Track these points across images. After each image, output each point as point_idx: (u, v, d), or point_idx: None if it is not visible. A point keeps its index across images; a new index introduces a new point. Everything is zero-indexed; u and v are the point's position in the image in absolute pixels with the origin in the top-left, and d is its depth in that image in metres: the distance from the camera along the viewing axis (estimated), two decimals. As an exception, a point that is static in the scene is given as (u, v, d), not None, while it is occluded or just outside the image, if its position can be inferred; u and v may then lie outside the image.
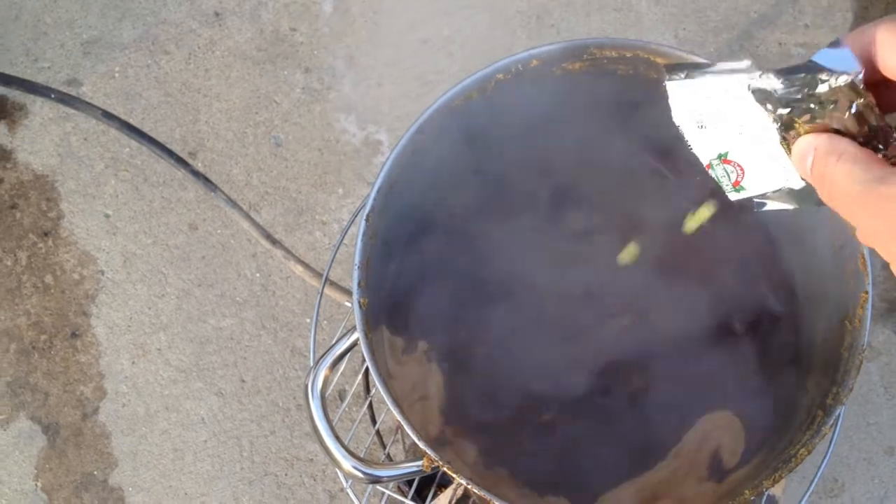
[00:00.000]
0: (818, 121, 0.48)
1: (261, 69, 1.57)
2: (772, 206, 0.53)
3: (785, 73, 0.49)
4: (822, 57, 0.48)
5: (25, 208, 1.48)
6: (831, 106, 0.47)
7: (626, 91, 0.83)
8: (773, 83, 0.49)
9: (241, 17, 1.60)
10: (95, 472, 1.32)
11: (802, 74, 0.48)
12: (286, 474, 1.31)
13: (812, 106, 0.47)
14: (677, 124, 0.55)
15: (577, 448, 0.83)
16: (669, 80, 0.54)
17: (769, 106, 0.49)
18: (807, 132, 0.49)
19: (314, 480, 1.31)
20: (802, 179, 0.50)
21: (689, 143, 0.54)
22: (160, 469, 1.32)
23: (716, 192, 0.56)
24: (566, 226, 0.87)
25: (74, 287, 1.43)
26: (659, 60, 0.80)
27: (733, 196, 0.55)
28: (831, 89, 0.47)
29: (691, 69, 0.53)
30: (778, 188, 0.52)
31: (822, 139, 0.47)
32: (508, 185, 0.88)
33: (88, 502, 1.30)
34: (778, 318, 0.83)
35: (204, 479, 1.31)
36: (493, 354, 0.84)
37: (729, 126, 0.52)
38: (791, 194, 0.52)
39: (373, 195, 0.77)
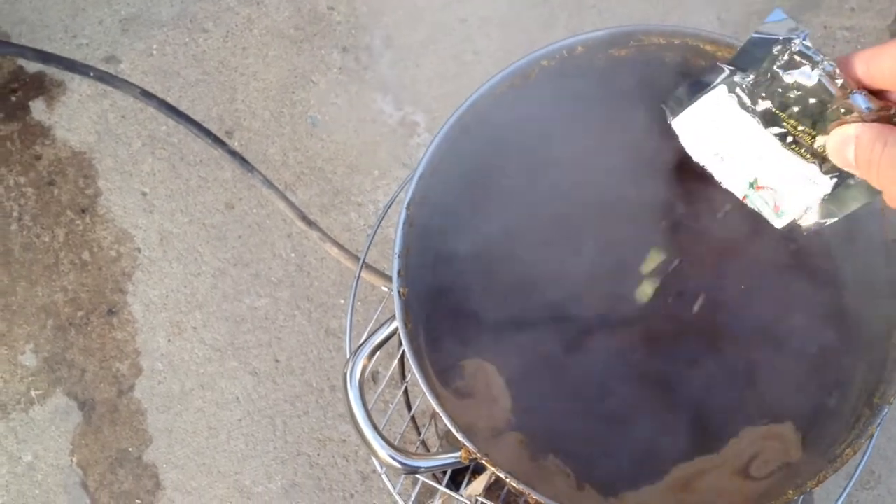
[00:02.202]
0: (790, 108, 0.48)
1: (298, 48, 1.56)
2: (818, 223, 0.53)
3: (742, 62, 0.49)
4: (767, 29, 0.48)
5: (63, 185, 1.49)
6: (794, 80, 0.48)
7: (672, 78, 0.82)
8: (742, 78, 0.49)
9: (279, -4, 1.60)
10: (130, 449, 1.33)
11: (761, 59, 0.48)
12: (319, 454, 1.31)
13: (780, 89, 0.48)
14: (701, 163, 0.54)
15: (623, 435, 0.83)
16: (673, 118, 0.54)
17: (749, 104, 0.49)
18: (794, 126, 0.49)
19: (346, 461, 1.31)
20: (832, 177, 0.49)
21: (718, 179, 0.54)
22: (194, 447, 1.33)
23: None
24: (615, 215, 0.86)
25: (111, 264, 1.43)
26: (707, 48, 0.79)
27: (778, 223, 0.54)
28: (789, 59, 0.47)
29: (684, 96, 0.53)
30: (813, 200, 0.51)
31: (864, 128, 0.47)
32: (552, 173, 0.86)
33: (123, 478, 1.32)
34: (825, 313, 0.82)
35: (237, 457, 1.32)
36: (534, 346, 0.84)
37: (744, 149, 0.52)
38: (830, 203, 0.51)
39: (414, 183, 0.76)
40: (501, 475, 0.68)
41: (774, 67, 0.49)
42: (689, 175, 0.80)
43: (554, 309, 0.87)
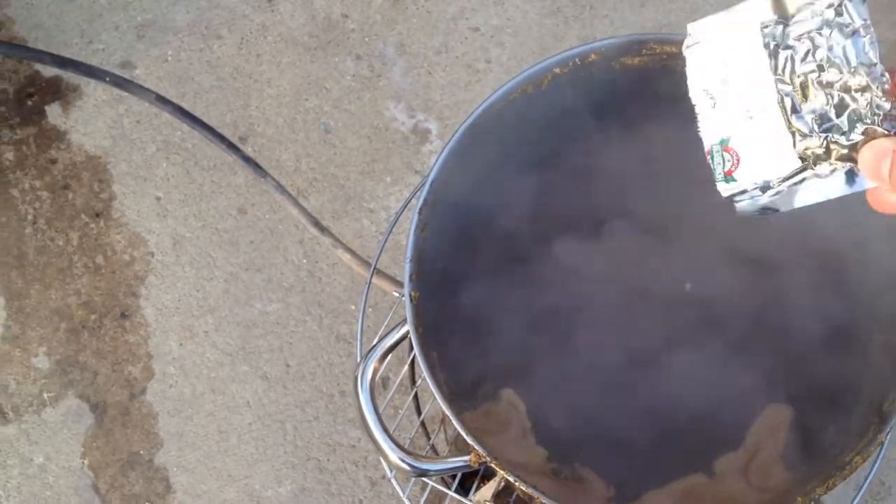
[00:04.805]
0: (808, 65, 0.47)
1: (312, 55, 1.57)
2: (754, 210, 0.52)
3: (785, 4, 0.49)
4: None
5: (78, 189, 1.50)
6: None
7: (684, 86, 0.82)
8: (776, 23, 0.49)
9: (294, 3, 1.61)
10: (141, 452, 1.34)
11: (806, 7, 0.47)
12: (328, 459, 1.32)
13: (808, 44, 0.47)
14: (693, 101, 0.54)
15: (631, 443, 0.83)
16: (688, 46, 0.53)
17: (773, 45, 0.49)
18: (800, 82, 0.48)
19: (356, 467, 1.31)
20: (798, 157, 0.49)
21: (699, 122, 0.54)
22: (205, 450, 1.34)
23: None
24: (627, 228, 0.86)
25: (125, 268, 1.44)
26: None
27: (722, 187, 0.53)
28: (832, 17, 0.47)
29: (714, 28, 0.53)
30: (768, 177, 0.50)
31: None
32: (563, 180, 0.87)
33: (134, 481, 1.32)
34: (835, 321, 0.82)
35: (247, 461, 1.33)
36: (547, 353, 0.84)
37: (736, 102, 0.51)
38: (777, 195, 0.51)
39: (426, 188, 0.77)
40: (511, 479, 0.68)
41: (816, 20, 0.48)
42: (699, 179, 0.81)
43: (566, 316, 0.87)
